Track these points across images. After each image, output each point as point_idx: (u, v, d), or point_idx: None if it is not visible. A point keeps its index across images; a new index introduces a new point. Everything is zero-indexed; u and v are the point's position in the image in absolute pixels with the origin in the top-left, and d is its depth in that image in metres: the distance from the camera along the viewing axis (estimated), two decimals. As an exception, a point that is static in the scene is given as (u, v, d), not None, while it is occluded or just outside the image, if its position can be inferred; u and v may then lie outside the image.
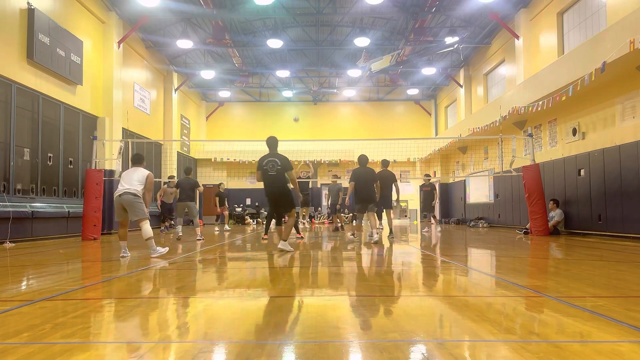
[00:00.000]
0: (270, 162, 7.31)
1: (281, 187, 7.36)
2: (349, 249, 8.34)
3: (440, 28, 19.47)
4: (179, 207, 11.05)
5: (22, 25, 11.19)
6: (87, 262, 6.83)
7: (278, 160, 7.32)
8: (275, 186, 7.34)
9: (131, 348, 2.42)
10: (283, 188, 7.38)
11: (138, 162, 7.17)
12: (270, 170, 7.28)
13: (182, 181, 11.18)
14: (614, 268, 5.56)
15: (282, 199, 7.45)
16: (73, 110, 13.49)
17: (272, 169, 7.28)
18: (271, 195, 7.44)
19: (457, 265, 5.95)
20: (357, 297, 3.90)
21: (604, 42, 9.99)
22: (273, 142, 7.59)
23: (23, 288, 4.50)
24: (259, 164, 7.44)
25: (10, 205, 10.36)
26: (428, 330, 2.73)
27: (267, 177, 7.34)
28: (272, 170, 7.28)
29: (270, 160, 7.34)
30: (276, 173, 7.28)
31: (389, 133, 26.20)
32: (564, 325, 2.75)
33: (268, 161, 7.35)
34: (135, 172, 6.96)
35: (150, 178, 6.94)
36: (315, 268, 5.82)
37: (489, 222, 18.56)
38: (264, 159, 7.42)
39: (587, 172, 11.88)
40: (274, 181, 7.31)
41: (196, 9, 16.52)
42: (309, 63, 24.08)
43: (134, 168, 7.06)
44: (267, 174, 7.31)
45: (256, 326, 2.88)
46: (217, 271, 5.71)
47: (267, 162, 7.36)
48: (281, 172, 7.31)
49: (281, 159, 7.35)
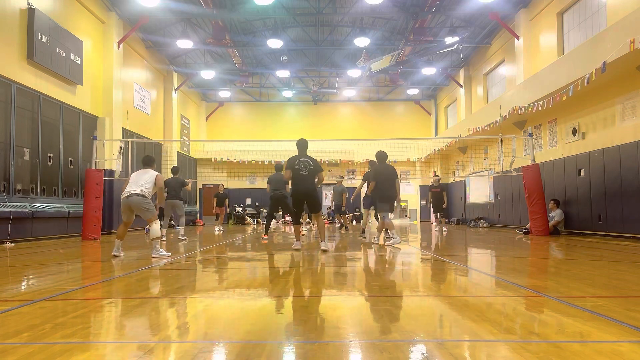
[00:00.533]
0: (302, 162, 7.45)
1: (311, 187, 7.48)
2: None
3: (440, 28, 19.47)
4: (167, 206, 11.00)
5: (22, 25, 11.19)
6: (87, 262, 6.83)
7: (310, 161, 7.49)
8: (306, 186, 7.44)
9: (131, 348, 2.42)
10: (313, 189, 7.50)
11: (148, 164, 7.21)
12: (302, 170, 7.41)
13: (170, 180, 11.12)
14: (614, 268, 5.56)
15: (311, 200, 7.60)
16: (73, 110, 13.49)
17: (304, 169, 7.41)
18: (300, 193, 7.50)
19: (457, 265, 5.95)
20: (358, 297, 3.90)
21: (604, 42, 9.99)
22: (303, 143, 7.73)
23: (23, 288, 4.50)
24: (289, 164, 7.51)
25: (10, 205, 10.36)
26: (428, 330, 2.73)
27: (298, 177, 7.44)
28: (304, 170, 7.41)
29: (302, 161, 7.48)
30: (308, 173, 7.42)
31: (389, 133, 26.20)
32: (564, 325, 2.75)
33: (300, 161, 7.47)
34: (145, 173, 6.99)
35: (160, 179, 6.99)
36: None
37: (489, 222, 18.55)
38: (295, 159, 7.52)
39: (587, 172, 11.88)
40: (305, 181, 7.42)
41: (196, 9, 16.52)
42: (309, 63, 24.08)
43: (144, 170, 7.08)
44: (299, 173, 7.42)
45: (256, 326, 2.88)
46: (216, 271, 5.71)
47: (298, 162, 7.47)
48: (312, 173, 7.45)
49: (313, 160, 7.54)
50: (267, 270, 5.77)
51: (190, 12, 16.97)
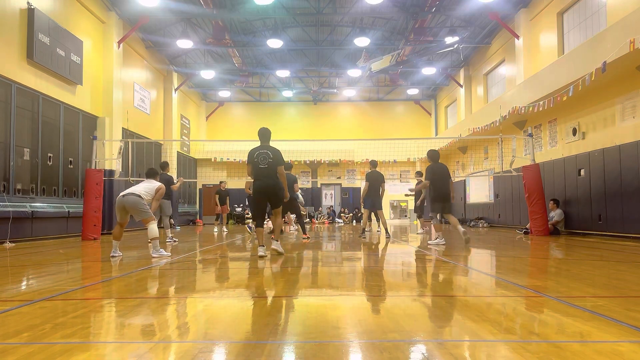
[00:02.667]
0: (262, 155, 6.72)
1: (272, 181, 6.70)
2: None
3: (440, 28, 19.47)
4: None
5: (22, 25, 11.19)
6: (87, 262, 6.82)
7: (270, 152, 6.73)
8: (266, 180, 6.67)
9: (131, 348, 2.42)
10: (274, 182, 6.71)
11: (152, 176, 7.22)
12: (262, 163, 6.68)
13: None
14: (614, 268, 5.56)
15: (272, 195, 6.75)
16: (73, 110, 13.49)
17: (264, 162, 6.68)
18: (260, 189, 6.69)
19: (457, 265, 5.95)
20: (357, 297, 3.90)
21: (604, 42, 9.99)
22: (265, 132, 7.02)
23: (23, 288, 4.50)
24: (249, 157, 6.82)
25: (10, 205, 10.36)
26: (428, 330, 2.73)
27: (257, 171, 6.70)
28: (263, 163, 6.67)
29: (261, 153, 6.74)
30: (267, 166, 6.67)
31: (389, 133, 26.21)
32: (564, 325, 2.75)
33: (259, 154, 6.74)
34: (147, 182, 7.03)
35: (161, 190, 6.99)
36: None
37: (489, 222, 18.55)
38: (254, 151, 6.81)
39: (587, 172, 11.88)
40: (265, 175, 6.67)
41: (196, 9, 16.52)
42: (309, 63, 24.08)
43: (149, 180, 7.11)
44: (258, 166, 6.69)
45: (256, 326, 2.87)
46: (216, 271, 5.71)
47: (257, 154, 6.74)
48: (273, 166, 6.70)
49: (273, 151, 6.76)
50: (260, 269, 5.77)
51: (190, 12, 16.97)
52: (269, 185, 6.68)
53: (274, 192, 6.72)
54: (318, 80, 25.96)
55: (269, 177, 6.68)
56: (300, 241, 10.25)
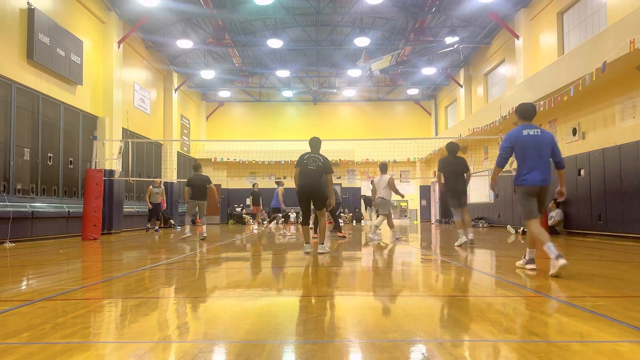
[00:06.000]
0: (312, 158, 7.20)
1: (318, 182, 7.11)
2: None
3: (440, 28, 19.47)
4: (190, 206, 10.79)
5: (22, 25, 11.19)
6: (87, 262, 6.82)
7: (321, 158, 7.23)
8: (312, 180, 7.07)
9: (131, 348, 2.42)
10: (319, 184, 7.13)
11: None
12: (311, 165, 7.13)
13: (194, 178, 10.72)
14: (614, 268, 5.56)
15: (317, 195, 7.15)
16: (73, 110, 13.49)
17: (313, 164, 7.13)
18: (306, 187, 7.08)
19: (457, 265, 5.95)
20: (357, 297, 3.90)
21: (604, 42, 9.99)
22: (316, 142, 7.52)
23: (23, 288, 4.50)
24: (299, 161, 7.25)
25: (10, 205, 10.36)
26: (428, 330, 2.73)
27: (305, 171, 7.13)
28: (312, 165, 7.12)
29: (312, 157, 7.23)
30: (316, 168, 7.12)
31: (389, 133, 26.21)
32: (564, 325, 2.75)
33: (310, 156, 7.24)
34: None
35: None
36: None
37: (489, 222, 18.56)
38: (305, 155, 7.31)
39: (587, 172, 11.88)
40: (312, 175, 7.08)
41: (196, 9, 16.52)
42: (309, 63, 24.08)
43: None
44: (307, 167, 7.13)
45: (256, 326, 2.87)
46: (219, 270, 5.71)
47: (308, 157, 7.23)
48: (320, 170, 7.14)
49: (324, 158, 7.26)
50: (272, 270, 5.77)
51: (190, 12, 16.97)
52: (312, 186, 7.04)
53: (316, 194, 7.09)
54: (318, 80, 25.96)
55: (315, 179, 7.07)
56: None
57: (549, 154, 5.00)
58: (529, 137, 4.97)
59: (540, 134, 4.99)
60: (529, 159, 4.95)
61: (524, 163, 4.99)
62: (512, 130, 5.15)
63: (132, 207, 16.91)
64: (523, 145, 4.97)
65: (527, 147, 4.96)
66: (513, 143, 5.04)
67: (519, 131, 5.04)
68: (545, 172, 4.96)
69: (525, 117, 5.16)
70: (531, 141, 4.96)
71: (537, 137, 4.97)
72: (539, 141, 4.96)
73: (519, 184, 5.03)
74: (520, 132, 5.02)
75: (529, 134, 4.98)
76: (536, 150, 4.94)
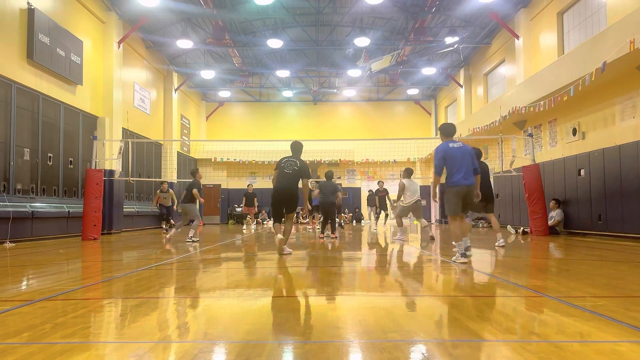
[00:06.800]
0: (290, 162, 7.31)
1: (292, 186, 7.19)
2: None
3: (440, 28, 19.47)
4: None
5: (22, 25, 11.18)
6: (87, 262, 6.83)
7: (299, 162, 7.29)
8: (285, 183, 7.17)
9: (131, 348, 2.42)
10: (294, 188, 7.21)
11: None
12: (287, 169, 7.23)
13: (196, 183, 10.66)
14: (614, 268, 5.56)
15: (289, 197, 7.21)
16: (73, 110, 13.49)
17: (289, 168, 7.23)
18: (279, 191, 7.20)
19: (457, 265, 5.95)
20: (357, 297, 3.90)
21: (604, 42, 9.98)
22: (297, 146, 7.59)
23: (23, 288, 4.50)
24: (277, 164, 7.41)
25: (10, 205, 10.35)
26: (428, 330, 2.73)
27: (281, 175, 7.23)
28: (289, 169, 7.22)
29: (290, 160, 7.33)
30: (292, 172, 7.19)
31: (389, 133, 26.21)
32: (564, 325, 2.75)
33: (287, 160, 7.34)
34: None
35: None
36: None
37: (489, 222, 18.54)
38: (283, 158, 7.42)
39: (587, 172, 11.88)
40: (287, 180, 7.17)
41: (196, 9, 16.51)
42: (309, 63, 24.08)
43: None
44: (283, 171, 7.24)
45: (256, 326, 2.87)
46: (217, 270, 5.71)
47: (286, 160, 7.35)
48: (297, 174, 7.20)
49: (301, 163, 7.31)
50: (266, 269, 5.77)
51: (190, 12, 16.96)
52: (287, 189, 7.16)
53: (290, 198, 7.19)
54: (318, 80, 25.96)
55: (290, 183, 7.18)
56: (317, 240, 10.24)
57: (470, 162, 6.06)
58: (455, 149, 6.07)
59: (462, 146, 6.15)
60: (457, 166, 6.00)
61: (453, 169, 6.03)
62: (440, 145, 6.21)
63: (132, 207, 16.90)
64: (451, 156, 6.03)
65: (454, 157, 6.02)
66: (444, 155, 6.07)
67: (446, 145, 6.13)
68: (469, 176, 6.03)
69: (448, 134, 6.31)
70: (457, 152, 6.05)
71: (460, 148, 6.08)
72: (463, 152, 6.07)
73: (450, 185, 6.06)
74: (447, 146, 6.11)
75: (454, 147, 6.08)
76: (461, 159, 6.02)
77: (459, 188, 5.97)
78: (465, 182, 5.97)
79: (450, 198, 6.07)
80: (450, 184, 6.05)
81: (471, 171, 6.08)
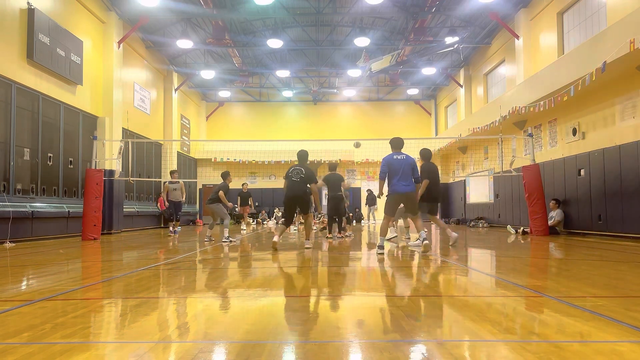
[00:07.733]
0: (296, 171, 8.18)
1: (300, 192, 8.08)
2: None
3: (440, 28, 19.47)
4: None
5: (22, 25, 11.18)
6: (87, 262, 6.82)
7: (304, 170, 8.16)
8: (295, 190, 8.07)
9: (131, 348, 2.42)
10: (302, 193, 8.11)
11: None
12: (294, 177, 8.13)
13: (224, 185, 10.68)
14: (614, 268, 5.56)
15: (300, 202, 8.21)
16: (73, 110, 13.49)
17: (296, 176, 8.12)
18: (289, 197, 8.12)
19: (457, 265, 5.95)
20: (358, 297, 3.90)
21: (604, 42, 9.98)
22: (302, 154, 8.44)
23: (23, 288, 4.50)
24: (286, 174, 8.30)
25: (10, 205, 10.36)
26: (428, 330, 2.73)
27: (290, 183, 8.14)
28: (296, 177, 8.12)
29: (296, 169, 8.20)
30: (299, 180, 8.09)
31: (389, 133, 26.03)
32: (564, 325, 2.75)
33: (294, 169, 8.22)
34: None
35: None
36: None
37: (489, 222, 18.55)
38: (291, 168, 8.30)
39: (587, 172, 11.88)
40: (295, 187, 8.07)
41: (196, 8, 16.52)
42: (309, 63, 24.08)
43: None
44: (291, 179, 8.14)
45: (256, 326, 2.87)
46: (221, 269, 5.71)
47: (293, 170, 8.24)
48: (304, 181, 8.11)
49: (307, 170, 8.18)
50: (269, 269, 5.77)
51: (190, 12, 16.97)
52: (296, 195, 8.11)
53: (301, 201, 8.24)
54: (318, 80, 25.95)
55: (298, 189, 8.12)
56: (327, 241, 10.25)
57: (410, 172, 7.12)
58: (398, 160, 7.18)
59: (405, 158, 7.20)
60: (397, 175, 7.05)
61: (394, 177, 7.08)
62: (386, 156, 7.29)
63: (132, 207, 16.91)
64: (394, 166, 7.11)
65: (396, 167, 7.08)
66: (388, 164, 7.16)
67: (391, 156, 7.25)
68: (408, 183, 7.09)
69: (396, 147, 7.43)
70: (399, 163, 7.13)
71: (403, 160, 7.17)
72: (404, 163, 7.13)
73: (390, 192, 7.16)
74: (392, 157, 7.23)
75: (397, 158, 7.19)
76: (402, 168, 7.08)
77: (397, 195, 7.10)
78: (403, 189, 7.02)
79: (388, 201, 7.23)
80: (390, 190, 7.14)
81: (411, 179, 7.12)
